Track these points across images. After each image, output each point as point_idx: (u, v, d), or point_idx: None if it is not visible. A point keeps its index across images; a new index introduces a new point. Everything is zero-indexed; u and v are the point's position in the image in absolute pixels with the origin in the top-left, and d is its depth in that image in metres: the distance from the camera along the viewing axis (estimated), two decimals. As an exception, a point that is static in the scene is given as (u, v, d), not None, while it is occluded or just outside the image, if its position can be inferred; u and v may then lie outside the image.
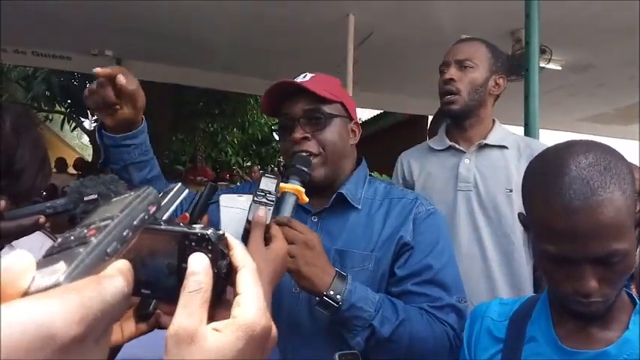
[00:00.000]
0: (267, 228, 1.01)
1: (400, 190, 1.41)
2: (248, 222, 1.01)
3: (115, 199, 0.45)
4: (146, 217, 0.42)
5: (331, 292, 1.11)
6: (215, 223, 1.14)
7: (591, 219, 0.83)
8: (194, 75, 7.34)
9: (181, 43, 5.95)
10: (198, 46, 6.08)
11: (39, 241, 2.42)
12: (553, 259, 0.91)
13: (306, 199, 1.17)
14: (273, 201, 1.03)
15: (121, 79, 1.10)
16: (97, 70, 1.09)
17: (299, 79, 1.33)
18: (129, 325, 0.58)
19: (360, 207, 1.34)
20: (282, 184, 1.15)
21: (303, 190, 1.16)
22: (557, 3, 4.17)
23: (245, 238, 1.00)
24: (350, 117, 1.38)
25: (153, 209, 0.43)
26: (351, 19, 4.88)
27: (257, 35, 5.61)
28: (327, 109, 1.31)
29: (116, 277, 0.36)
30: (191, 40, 5.86)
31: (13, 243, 1.75)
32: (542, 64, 4.39)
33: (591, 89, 6.89)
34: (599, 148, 0.90)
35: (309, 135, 1.29)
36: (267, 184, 1.05)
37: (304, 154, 1.27)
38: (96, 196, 1.01)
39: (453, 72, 1.92)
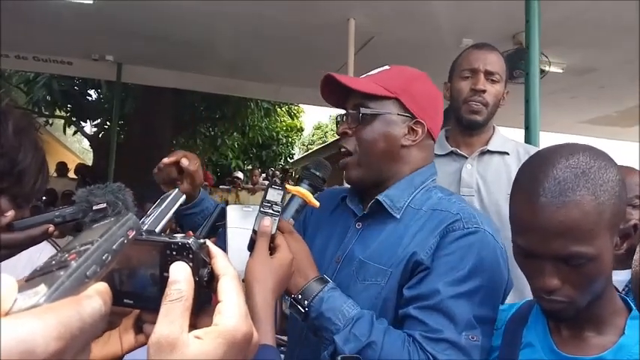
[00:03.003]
0: (273, 238, 1.01)
1: (452, 202, 1.20)
2: (254, 232, 1.01)
3: (95, 225, 0.47)
4: (125, 241, 0.43)
5: (299, 296, 1.08)
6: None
7: (553, 218, 0.86)
8: (194, 79, 7.37)
9: (182, 48, 5.97)
10: (198, 51, 6.10)
11: (39, 247, 2.40)
12: (522, 252, 0.94)
13: (316, 203, 1.14)
14: (278, 212, 1.03)
15: (184, 161, 1.33)
16: (164, 160, 1.34)
17: (373, 72, 1.29)
18: (128, 337, 0.59)
19: (399, 216, 1.20)
20: (288, 186, 1.15)
21: (309, 193, 1.15)
22: (558, 6, 4.18)
23: (251, 248, 1.01)
24: (412, 115, 1.23)
25: (132, 234, 0.45)
26: (352, 23, 4.90)
27: (257, 40, 5.63)
28: (373, 105, 1.21)
29: (94, 297, 0.37)
30: (191, 45, 5.88)
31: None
32: (542, 67, 4.40)
33: (593, 91, 6.90)
34: (588, 153, 0.91)
35: (349, 131, 1.23)
36: (274, 194, 1.05)
37: (342, 149, 1.25)
38: (105, 204, 1.02)
39: (485, 83, 1.91)
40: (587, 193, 0.86)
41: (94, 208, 1.04)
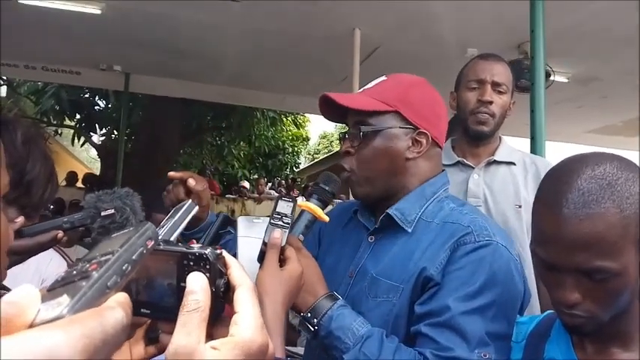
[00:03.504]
0: (283, 250, 1.01)
1: (464, 214, 1.16)
2: (264, 244, 1.01)
3: (115, 234, 0.47)
4: (144, 251, 0.44)
5: (309, 315, 1.07)
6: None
7: (577, 230, 0.83)
8: (201, 89, 7.41)
9: (189, 58, 6.02)
10: (205, 61, 6.15)
11: (48, 256, 2.42)
12: (543, 264, 0.91)
13: (325, 218, 1.13)
14: (289, 224, 1.03)
15: (191, 181, 1.31)
16: (171, 173, 1.34)
17: (370, 84, 1.27)
18: (138, 349, 0.58)
19: (410, 230, 1.17)
20: (299, 202, 1.15)
21: (318, 209, 1.13)
22: (563, 16, 4.19)
23: (261, 260, 1.01)
24: (414, 126, 1.19)
25: (151, 244, 0.45)
26: (357, 33, 4.93)
27: (264, 49, 5.66)
28: (372, 121, 1.18)
29: (116, 309, 0.38)
30: (198, 55, 5.93)
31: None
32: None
33: (598, 101, 6.89)
34: (615, 163, 0.87)
35: (351, 150, 1.21)
36: (284, 207, 1.05)
37: (344, 171, 1.23)
38: (113, 210, 1.03)
39: (492, 94, 1.91)
40: (613, 206, 0.82)
41: (102, 214, 1.05)
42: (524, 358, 1.03)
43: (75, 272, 0.39)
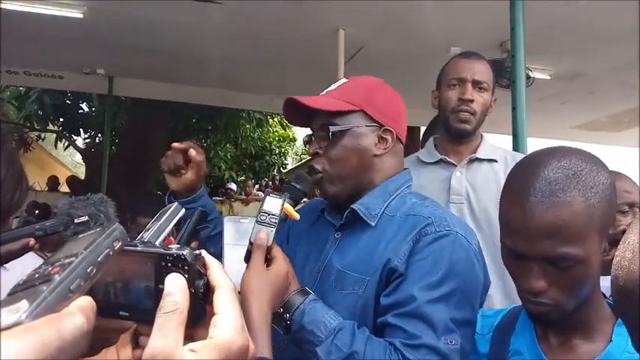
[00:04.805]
0: (269, 249, 1.01)
1: (425, 207, 1.21)
2: (250, 243, 1.01)
3: (81, 235, 0.46)
4: (111, 252, 0.43)
5: (281, 310, 1.07)
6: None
7: (543, 218, 0.86)
8: (186, 91, 7.37)
9: (173, 60, 5.99)
10: (190, 63, 6.12)
11: (33, 262, 2.41)
12: (510, 253, 0.93)
13: (296, 216, 1.14)
14: (275, 222, 1.02)
15: (192, 151, 1.37)
16: (175, 144, 1.39)
17: (332, 87, 1.31)
18: (125, 351, 0.57)
19: (373, 224, 1.21)
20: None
21: (289, 206, 1.14)
22: (544, 13, 4.24)
23: (247, 259, 1.01)
24: (379, 124, 1.24)
25: (118, 245, 0.44)
26: (341, 33, 4.94)
27: (248, 51, 5.65)
28: (339, 121, 1.22)
29: (76, 314, 0.37)
30: (182, 57, 5.90)
31: (8, 267, 1.75)
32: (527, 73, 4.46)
33: (582, 97, 6.97)
34: (579, 156, 0.91)
35: (319, 151, 1.25)
36: (271, 204, 1.04)
37: (315, 172, 1.26)
38: (87, 218, 1.01)
39: (472, 92, 1.93)
40: (578, 195, 0.86)
41: (76, 221, 1.03)
42: (491, 351, 1.07)
43: (37, 276, 0.38)
